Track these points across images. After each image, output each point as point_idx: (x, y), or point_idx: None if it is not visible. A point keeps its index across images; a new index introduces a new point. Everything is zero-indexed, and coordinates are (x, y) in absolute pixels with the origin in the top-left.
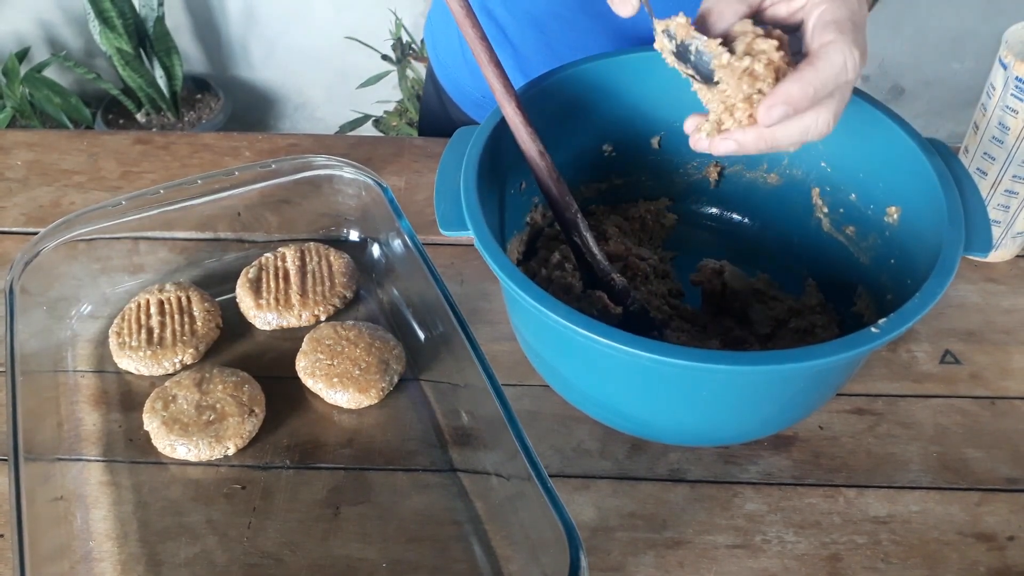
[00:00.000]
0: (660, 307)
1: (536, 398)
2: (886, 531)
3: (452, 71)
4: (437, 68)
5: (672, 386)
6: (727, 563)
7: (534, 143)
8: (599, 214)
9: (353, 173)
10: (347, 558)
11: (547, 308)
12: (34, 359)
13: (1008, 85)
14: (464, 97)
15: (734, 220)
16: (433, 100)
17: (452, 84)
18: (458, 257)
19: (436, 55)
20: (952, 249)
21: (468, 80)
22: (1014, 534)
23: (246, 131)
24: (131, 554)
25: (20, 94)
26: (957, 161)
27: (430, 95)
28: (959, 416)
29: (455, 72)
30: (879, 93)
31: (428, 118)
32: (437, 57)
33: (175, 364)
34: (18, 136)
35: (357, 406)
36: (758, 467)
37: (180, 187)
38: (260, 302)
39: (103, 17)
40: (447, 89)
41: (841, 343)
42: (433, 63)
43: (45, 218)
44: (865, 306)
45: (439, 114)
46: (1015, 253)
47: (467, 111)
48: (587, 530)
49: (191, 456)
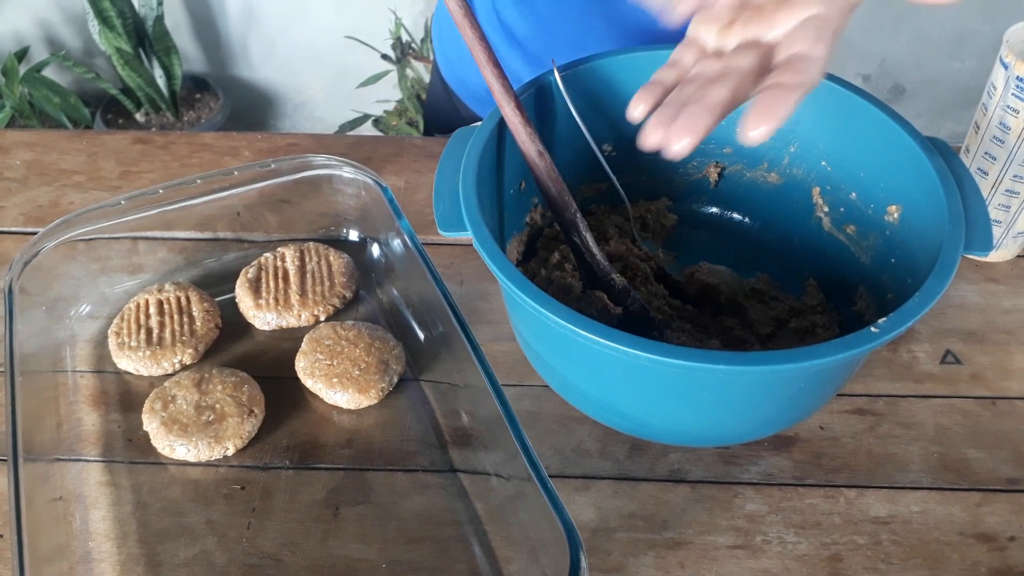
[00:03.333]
0: (660, 307)
1: (536, 398)
2: (887, 532)
3: (457, 68)
4: (443, 65)
5: (672, 386)
6: (727, 564)
7: (533, 143)
8: (599, 214)
9: (353, 173)
10: (346, 559)
11: (547, 309)
12: (33, 359)
13: (1009, 85)
14: (469, 93)
15: (734, 220)
16: (441, 96)
17: (457, 81)
18: (458, 257)
19: (443, 52)
20: (953, 248)
21: (473, 77)
22: (1015, 535)
23: (245, 131)
24: (130, 554)
25: (19, 94)
26: (958, 160)
27: (438, 91)
28: (960, 416)
29: (460, 69)
30: (880, 92)
31: (435, 114)
32: (444, 54)
33: (174, 364)
34: (17, 136)
35: (357, 406)
36: (759, 467)
37: (179, 187)
38: (259, 302)
39: (102, 16)
40: (452, 86)
41: (841, 343)
42: (439, 60)
43: (44, 218)
44: (866, 306)
45: (447, 111)
46: (1016, 253)
47: (473, 107)
48: (587, 531)
49: (190, 456)
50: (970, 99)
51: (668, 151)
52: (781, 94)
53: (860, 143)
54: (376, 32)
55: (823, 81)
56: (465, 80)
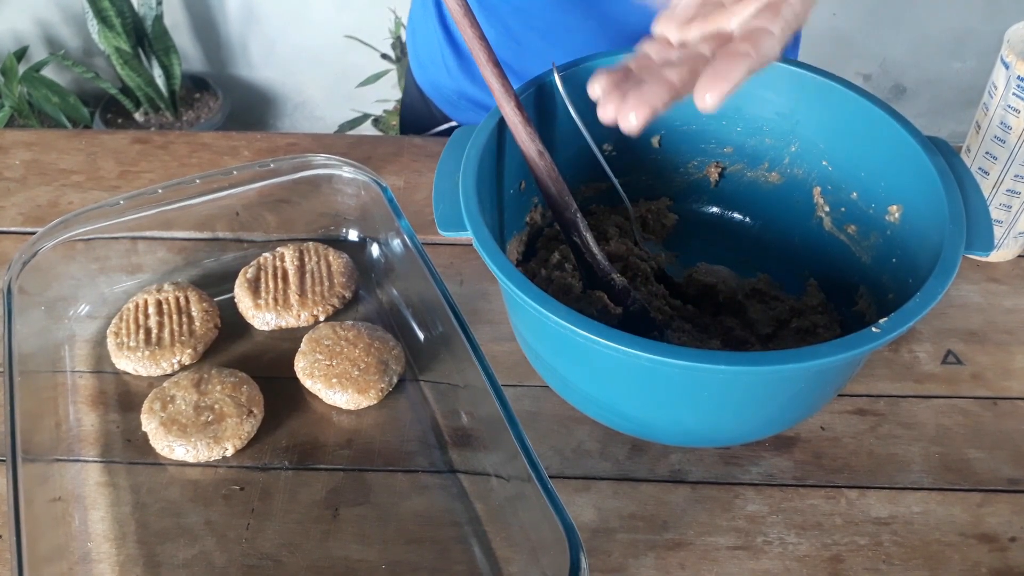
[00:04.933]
0: (660, 307)
1: (536, 398)
2: (888, 532)
3: (430, 71)
4: (416, 68)
5: (672, 387)
6: (728, 564)
7: (533, 143)
8: (599, 214)
9: (352, 172)
10: (346, 559)
11: (547, 309)
12: (32, 359)
13: (1010, 84)
14: (441, 96)
15: (735, 220)
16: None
17: (430, 84)
18: (458, 257)
19: (416, 55)
20: (953, 248)
21: (445, 80)
22: (1016, 535)
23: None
24: (129, 555)
25: (18, 93)
26: (959, 160)
27: (412, 93)
28: (961, 417)
29: (433, 72)
30: (881, 92)
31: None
32: (417, 57)
33: (173, 364)
34: (16, 135)
35: (356, 407)
36: (759, 468)
37: (178, 187)
38: (259, 302)
39: (101, 16)
40: (425, 89)
41: (842, 343)
42: (412, 63)
43: (43, 218)
44: (866, 306)
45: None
46: (1017, 253)
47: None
48: (587, 531)
49: (189, 457)
50: (971, 99)
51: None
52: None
53: (861, 143)
54: (376, 32)
55: (823, 81)
56: (437, 82)
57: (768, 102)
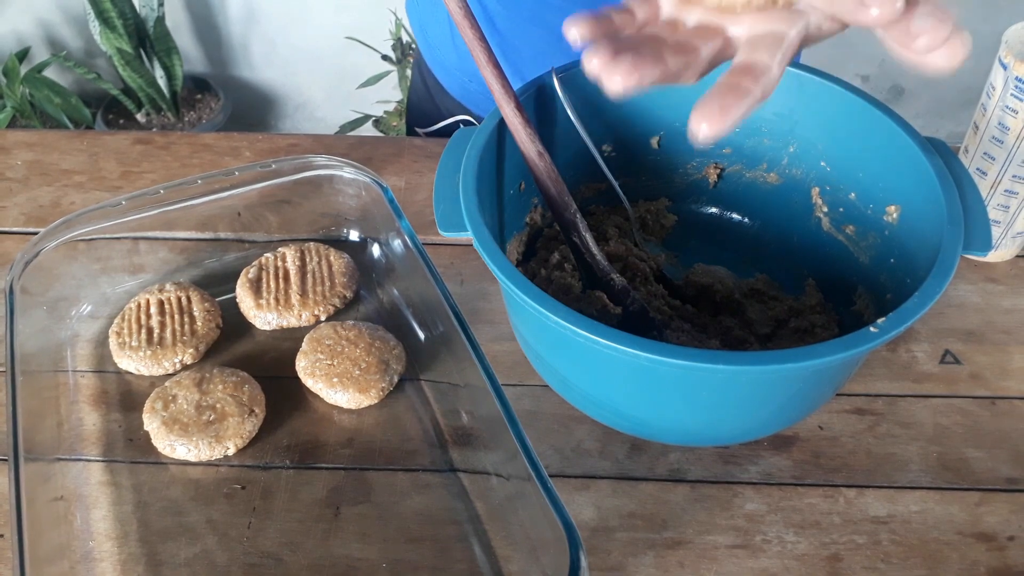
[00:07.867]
0: (660, 307)
1: (536, 398)
2: (886, 531)
3: (439, 52)
4: (424, 49)
5: (672, 386)
6: (727, 563)
7: (533, 143)
8: (599, 214)
9: (353, 173)
10: (347, 558)
11: (546, 309)
12: (34, 359)
13: (1008, 85)
14: (451, 79)
15: (734, 220)
16: (422, 93)
17: (439, 65)
18: (458, 257)
19: (424, 36)
20: (951, 248)
21: (455, 60)
22: (1014, 534)
23: (246, 131)
24: (131, 554)
25: (20, 94)
26: (957, 160)
27: (419, 88)
28: (959, 416)
29: (442, 53)
30: (879, 93)
31: (417, 113)
32: (425, 38)
33: (175, 364)
34: (18, 136)
35: (357, 406)
36: (758, 467)
37: (180, 187)
38: (260, 302)
39: (103, 17)
40: (434, 71)
41: (840, 342)
42: (420, 44)
43: (45, 218)
44: (865, 305)
45: (429, 108)
46: (1015, 253)
47: (453, 93)
48: (587, 530)
49: (191, 456)
50: (969, 99)
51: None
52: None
53: (859, 143)
54: (376, 32)
55: (822, 81)
56: (446, 63)
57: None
